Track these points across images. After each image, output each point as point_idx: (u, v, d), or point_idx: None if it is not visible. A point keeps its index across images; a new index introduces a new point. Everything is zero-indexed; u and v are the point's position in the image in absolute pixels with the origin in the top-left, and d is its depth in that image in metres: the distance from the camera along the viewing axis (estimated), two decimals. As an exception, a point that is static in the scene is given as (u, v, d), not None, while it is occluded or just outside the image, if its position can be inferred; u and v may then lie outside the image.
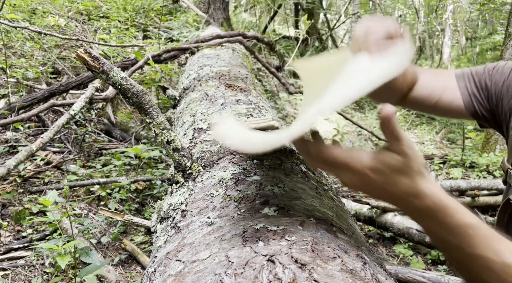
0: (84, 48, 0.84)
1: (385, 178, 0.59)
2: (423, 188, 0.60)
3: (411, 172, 0.59)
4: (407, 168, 0.59)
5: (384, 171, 0.58)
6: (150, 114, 0.93)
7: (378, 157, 0.59)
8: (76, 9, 4.79)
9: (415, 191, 0.59)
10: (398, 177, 0.59)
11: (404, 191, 0.59)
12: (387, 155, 0.59)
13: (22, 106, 2.70)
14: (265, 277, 0.49)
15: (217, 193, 0.82)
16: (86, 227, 1.65)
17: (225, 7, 5.48)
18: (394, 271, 2.17)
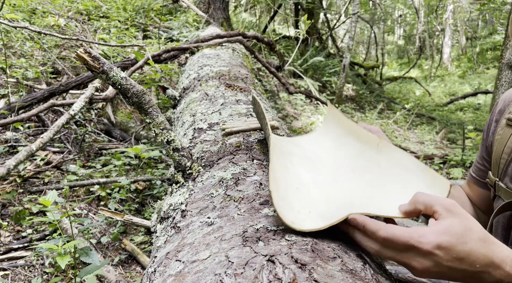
0: (84, 48, 0.84)
1: (456, 252, 0.55)
2: (498, 255, 0.57)
3: (477, 236, 0.56)
4: (472, 233, 0.56)
5: (452, 242, 0.55)
6: (150, 114, 0.93)
7: (438, 229, 0.56)
8: (76, 9, 4.79)
9: (491, 260, 0.56)
10: (468, 247, 0.55)
11: (481, 262, 0.56)
12: (446, 222, 0.56)
13: (22, 106, 2.70)
14: (265, 277, 0.49)
15: (217, 193, 0.82)
16: (86, 227, 1.64)
17: (225, 7, 5.47)
18: (394, 271, 2.17)
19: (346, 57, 6.44)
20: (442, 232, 0.55)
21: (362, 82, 8.77)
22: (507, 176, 0.92)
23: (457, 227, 0.56)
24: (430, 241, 0.54)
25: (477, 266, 0.56)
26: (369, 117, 6.28)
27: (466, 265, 0.55)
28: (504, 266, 0.56)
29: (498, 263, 0.56)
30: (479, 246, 0.56)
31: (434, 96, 9.84)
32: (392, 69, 14.90)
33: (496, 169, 0.96)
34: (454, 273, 0.56)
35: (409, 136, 5.88)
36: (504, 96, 1.03)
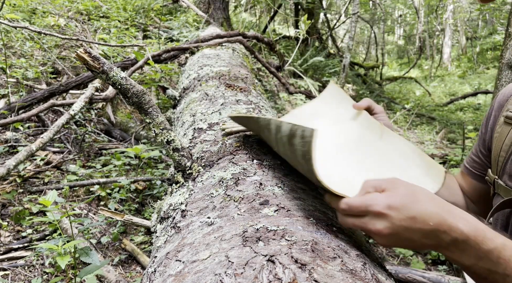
0: (84, 48, 0.84)
1: (408, 211, 0.59)
2: (449, 214, 0.60)
3: (427, 197, 0.60)
4: (420, 195, 0.60)
5: (402, 202, 0.59)
6: (150, 114, 0.93)
7: (388, 193, 0.60)
8: (76, 9, 4.79)
9: (443, 217, 0.59)
10: (419, 206, 0.59)
11: (434, 220, 0.58)
12: (395, 189, 0.61)
13: (22, 106, 2.70)
14: (265, 277, 0.49)
15: (217, 193, 0.82)
16: (86, 227, 1.64)
17: (225, 7, 5.47)
18: (394, 271, 2.17)
19: (346, 57, 6.44)
20: (391, 195, 0.60)
21: (362, 82, 8.77)
22: (505, 174, 0.93)
23: (405, 191, 0.61)
24: (381, 202, 0.59)
25: (431, 224, 0.58)
26: (369, 117, 6.27)
27: (420, 224, 0.58)
28: (457, 224, 0.59)
29: (450, 221, 0.59)
30: (430, 204, 0.60)
31: (434, 96, 9.85)
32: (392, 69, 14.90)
33: (495, 166, 0.96)
34: (411, 234, 0.59)
35: (409, 136, 5.88)
36: (503, 92, 1.03)
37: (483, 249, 0.59)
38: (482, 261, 0.59)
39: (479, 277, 0.61)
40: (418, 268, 2.30)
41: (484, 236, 0.59)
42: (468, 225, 0.59)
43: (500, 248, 0.59)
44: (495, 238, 0.60)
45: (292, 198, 0.77)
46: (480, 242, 0.59)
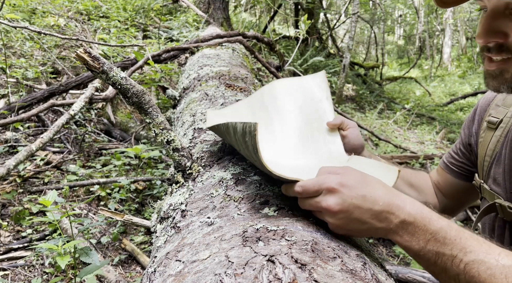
0: (84, 48, 0.83)
1: (358, 189, 0.61)
2: (398, 197, 0.62)
3: (376, 180, 0.64)
4: (370, 178, 0.64)
5: (353, 181, 0.62)
6: (150, 114, 0.93)
7: (340, 173, 0.64)
8: (76, 9, 4.79)
9: (391, 199, 0.61)
10: (369, 186, 0.62)
11: (383, 200, 0.61)
12: (347, 172, 0.64)
13: (22, 106, 2.70)
14: (265, 277, 0.49)
15: (217, 193, 0.82)
16: (86, 227, 1.64)
17: (225, 7, 5.47)
18: (394, 271, 2.17)
19: (346, 57, 6.44)
20: (344, 175, 0.64)
21: (362, 82, 8.77)
22: (490, 178, 0.94)
23: (357, 175, 0.64)
24: (333, 180, 0.63)
25: (380, 204, 0.61)
26: (369, 117, 6.28)
27: (369, 203, 0.61)
28: (404, 205, 0.62)
29: (398, 203, 0.62)
30: (379, 186, 0.63)
31: (434, 96, 9.85)
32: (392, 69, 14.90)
33: (481, 171, 0.99)
34: (361, 214, 0.61)
35: (409, 136, 5.88)
36: (485, 96, 1.05)
37: (430, 229, 0.60)
38: (429, 243, 0.60)
39: (429, 263, 0.62)
40: (418, 268, 2.30)
41: (430, 217, 0.61)
42: (415, 208, 0.62)
43: (446, 228, 0.61)
44: (440, 219, 0.62)
45: (292, 198, 0.77)
46: (427, 222, 0.61)
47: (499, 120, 0.95)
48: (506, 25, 0.70)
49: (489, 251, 0.59)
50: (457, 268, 0.59)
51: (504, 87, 0.75)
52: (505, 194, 0.89)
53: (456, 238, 0.60)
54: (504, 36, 0.70)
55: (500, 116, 0.95)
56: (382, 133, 5.44)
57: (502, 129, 0.94)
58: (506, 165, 0.89)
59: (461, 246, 0.60)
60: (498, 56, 0.73)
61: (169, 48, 2.55)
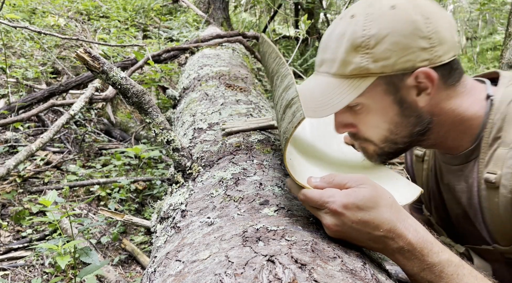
0: (84, 48, 0.83)
1: (361, 215, 0.59)
2: (402, 223, 0.60)
3: (385, 203, 0.61)
4: (380, 200, 0.61)
5: (358, 205, 0.59)
6: (150, 114, 0.93)
7: (347, 192, 0.61)
8: (76, 9, 4.78)
9: (394, 226, 0.60)
10: (374, 212, 0.60)
11: (385, 227, 0.59)
12: (356, 188, 0.61)
13: (22, 106, 2.70)
14: (265, 277, 0.49)
15: (217, 193, 0.82)
16: (86, 227, 1.64)
17: (225, 7, 5.47)
18: (394, 271, 2.16)
19: (346, 57, 6.43)
20: (350, 195, 0.60)
21: (362, 82, 8.75)
22: (433, 212, 0.99)
23: (365, 192, 0.60)
24: (337, 201, 0.60)
25: (381, 231, 0.59)
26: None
27: (369, 229, 0.59)
28: (406, 233, 0.60)
29: (400, 230, 0.60)
30: (385, 211, 0.60)
31: (434, 96, 9.83)
32: (392, 69, 14.88)
33: (425, 202, 1.02)
34: (359, 235, 0.60)
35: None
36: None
37: (427, 261, 0.60)
38: (424, 272, 0.60)
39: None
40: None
41: (430, 249, 0.60)
42: (417, 236, 0.60)
43: (444, 263, 0.60)
44: (441, 252, 0.61)
45: (292, 198, 0.77)
46: (426, 254, 0.60)
47: (422, 153, 1.00)
48: (352, 118, 0.80)
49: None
50: None
51: (373, 159, 0.85)
52: (445, 230, 0.95)
53: (453, 274, 0.60)
54: (353, 126, 0.81)
55: (423, 149, 1.01)
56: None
57: (427, 162, 0.99)
58: (438, 202, 0.94)
59: (453, 275, 0.60)
60: (356, 141, 0.85)
61: (169, 48, 2.55)
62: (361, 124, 0.80)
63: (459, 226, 0.89)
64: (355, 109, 0.78)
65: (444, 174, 0.90)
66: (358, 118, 0.80)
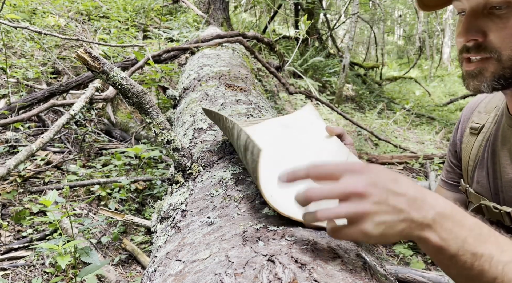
0: (84, 48, 0.84)
1: (387, 184, 0.55)
2: (427, 194, 0.56)
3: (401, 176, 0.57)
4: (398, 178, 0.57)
5: (379, 178, 0.55)
6: (150, 114, 0.93)
7: (364, 176, 0.56)
8: (76, 9, 4.79)
9: (421, 195, 0.55)
10: (395, 178, 0.56)
11: (412, 196, 0.54)
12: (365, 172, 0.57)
13: (22, 106, 2.71)
14: (265, 277, 0.49)
15: (217, 193, 0.82)
16: (86, 227, 1.65)
17: (225, 7, 5.47)
18: (394, 271, 2.17)
19: (346, 57, 6.44)
20: (369, 175, 0.55)
21: (362, 82, 8.76)
22: (474, 182, 0.97)
23: (380, 172, 0.57)
24: (362, 183, 0.54)
25: (413, 190, 0.55)
26: (369, 117, 6.28)
27: (403, 188, 0.55)
28: (437, 198, 0.56)
29: (430, 196, 0.56)
30: (407, 180, 0.57)
31: (434, 96, 9.84)
32: (392, 69, 14.90)
33: (466, 176, 1.01)
34: (397, 202, 0.54)
35: (409, 136, 5.88)
36: (468, 105, 1.09)
37: (467, 224, 0.55)
38: (467, 242, 0.54)
39: (464, 267, 0.54)
40: (418, 268, 2.30)
41: (464, 212, 0.57)
42: (449, 202, 0.57)
43: (479, 223, 0.56)
44: (471, 214, 0.57)
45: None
46: (463, 217, 0.55)
47: (480, 125, 0.98)
48: (485, 24, 0.71)
49: None
50: (495, 270, 0.53)
51: (484, 85, 0.75)
52: (489, 196, 0.91)
53: (490, 236, 0.55)
54: (483, 35, 0.72)
55: (482, 122, 0.99)
56: (382, 133, 5.44)
57: (484, 134, 0.97)
58: (489, 168, 0.92)
59: (496, 244, 0.55)
60: (477, 55, 0.74)
61: (169, 48, 2.55)
62: (498, 32, 0.71)
63: (510, 190, 0.86)
64: (498, 12, 0.70)
65: (508, 139, 0.88)
66: (496, 24, 0.70)
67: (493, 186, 0.91)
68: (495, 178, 0.90)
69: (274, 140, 0.92)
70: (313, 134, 0.96)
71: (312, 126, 0.99)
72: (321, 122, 1.00)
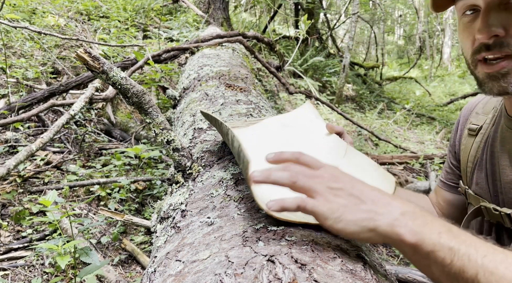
0: (84, 48, 0.84)
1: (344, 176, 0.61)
2: (394, 199, 0.58)
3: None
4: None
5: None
6: (150, 114, 0.93)
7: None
8: (76, 9, 4.79)
9: (387, 198, 0.57)
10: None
11: (377, 196, 0.57)
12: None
13: (22, 106, 2.70)
14: (265, 277, 0.49)
15: (217, 193, 0.82)
16: (86, 227, 1.64)
17: (225, 7, 5.47)
18: (394, 271, 2.16)
19: (346, 57, 6.44)
20: (343, 174, 0.62)
21: (362, 82, 8.77)
22: (473, 183, 0.97)
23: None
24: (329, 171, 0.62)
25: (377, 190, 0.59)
26: (369, 117, 6.28)
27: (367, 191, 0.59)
28: (401, 201, 0.58)
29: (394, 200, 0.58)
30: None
31: (434, 96, 9.84)
32: (392, 69, 14.90)
33: (465, 177, 1.01)
34: (360, 187, 0.59)
35: (409, 136, 5.88)
36: (466, 107, 1.09)
37: (438, 220, 0.56)
38: (443, 235, 0.53)
39: (444, 264, 0.53)
40: (418, 268, 2.30)
41: (432, 214, 0.58)
42: (416, 206, 0.58)
43: (449, 223, 0.57)
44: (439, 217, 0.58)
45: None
46: (432, 216, 0.57)
47: (478, 126, 0.98)
48: (505, 18, 0.69)
49: (493, 246, 0.54)
50: (475, 264, 0.51)
51: (509, 86, 0.71)
52: (489, 197, 0.91)
53: (461, 233, 0.55)
54: (504, 30, 0.70)
55: (480, 123, 0.98)
56: (382, 133, 5.44)
57: (482, 135, 0.96)
58: (488, 170, 0.92)
59: (469, 240, 0.54)
60: (500, 53, 0.71)
61: (169, 48, 2.55)
62: None
63: (509, 191, 0.86)
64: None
65: (507, 140, 0.87)
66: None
67: (492, 187, 0.90)
68: (494, 179, 0.90)
69: (273, 139, 0.92)
70: (313, 132, 0.96)
71: (312, 124, 0.99)
72: (321, 120, 1.00)
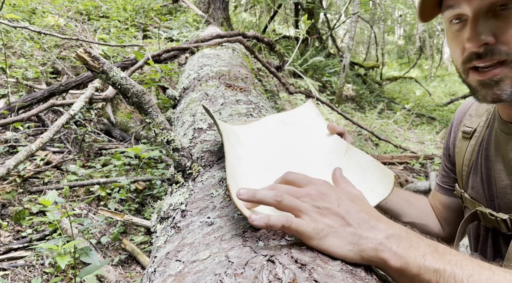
0: (83, 48, 0.83)
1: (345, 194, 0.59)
2: (381, 221, 0.57)
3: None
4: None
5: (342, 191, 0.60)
6: (150, 114, 0.93)
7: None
8: (76, 9, 4.79)
9: (374, 220, 0.56)
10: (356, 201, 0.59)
11: (362, 217, 0.56)
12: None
13: (22, 106, 2.70)
14: (265, 277, 0.49)
15: (217, 193, 0.82)
16: (86, 227, 1.64)
17: (225, 7, 5.47)
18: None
19: (346, 57, 6.45)
20: (333, 189, 0.61)
21: (362, 82, 8.77)
22: (469, 187, 0.96)
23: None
24: (317, 188, 0.60)
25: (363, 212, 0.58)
26: (369, 117, 6.28)
27: (355, 207, 0.58)
28: (388, 223, 0.58)
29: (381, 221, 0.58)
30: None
31: (434, 96, 9.84)
32: (392, 69, 14.90)
33: (461, 180, 1.00)
34: (347, 207, 0.57)
35: (409, 136, 5.88)
36: (459, 109, 1.08)
37: (423, 240, 0.56)
38: (427, 258, 0.54)
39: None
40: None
41: (418, 234, 0.58)
42: (402, 227, 0.58)
43: (435, 242, 0.57)
44: (425, 237, 0.58)
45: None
46: (417, 237, 0.57)
47: (473, 129, 0.97)
48: (493, 26, 0.68)
49: (480, 263, 0.55)
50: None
51: (507, 93, 0.70)
52: (484, 202, 0.90)
53: (446, 253, 0.55)
54: (494, 37, 0.69)
55: (474, 125, 0.97)
56: (382, 133, 5.44)
57: (476, 138, 0.96)
58: (483, 174, 0.91)
59: (455, 260, 0.54)
60: (491, 60, 0.70)
61: (169, 48, 2.55)
62: (509, 31, 0.67)
63: (505, 196, 0.85)
64: (505, 12, 0.67)
65: (501, 145, 0.86)
66: (505, 24, 0.67)
67: (488, 192, 0.90)
68: (490, 184, 0.89)
69: (273, 137, 0.92)
70: (314, 130, 0.96)
71: (313, 123, 0.99)
72: (322, 119, 1.00)
